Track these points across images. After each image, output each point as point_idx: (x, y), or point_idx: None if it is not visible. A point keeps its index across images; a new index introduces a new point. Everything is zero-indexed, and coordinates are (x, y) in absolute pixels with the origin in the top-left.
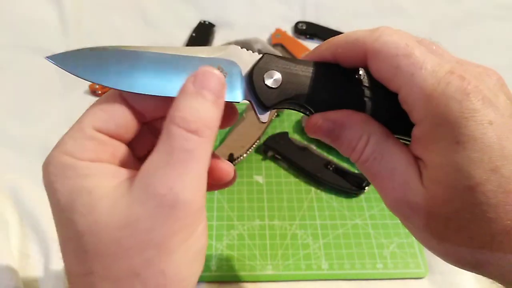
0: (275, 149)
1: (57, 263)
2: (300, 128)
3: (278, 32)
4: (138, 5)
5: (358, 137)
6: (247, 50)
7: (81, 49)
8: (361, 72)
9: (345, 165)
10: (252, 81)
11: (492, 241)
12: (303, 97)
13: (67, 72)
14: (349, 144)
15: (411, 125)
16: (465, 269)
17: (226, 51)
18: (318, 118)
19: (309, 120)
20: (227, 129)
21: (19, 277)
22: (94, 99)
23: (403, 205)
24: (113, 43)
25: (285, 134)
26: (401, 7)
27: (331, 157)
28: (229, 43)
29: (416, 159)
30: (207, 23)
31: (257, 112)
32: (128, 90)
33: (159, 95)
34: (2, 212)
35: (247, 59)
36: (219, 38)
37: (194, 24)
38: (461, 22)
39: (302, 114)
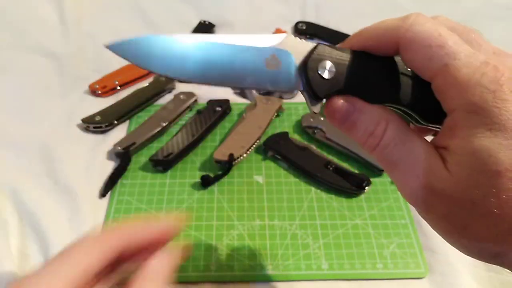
0: (275, 149)
1: None
2: (300, 128)
3: (278, 32)
4: (138, 5)
5: (376, 121)
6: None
7: (139, 37)
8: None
9: (345, 165)
10: (306, 71)
11: None
12: (354, 88)
13: (68, 72)
14: (366, 128)
15: (444, 115)
16: (484, 260)
17: (281, 40)
18: (339, 98)
19: (329, 101)
20: (226, 129)
21: (18, 277)
22: (94, 99)
23: (428, 193)
24: None
25: (285, 134)
26: (401, 7)
27: (331, 157)
28: None
29: (438, 148)
30: (207, 23)
31: (309, 102)
32: (182, 78)
33: (212, 84)
34: (2, 211)
35: (301, 49)
36: None
37: (194, 24)
38: (461, 22)
39: (302, 114)
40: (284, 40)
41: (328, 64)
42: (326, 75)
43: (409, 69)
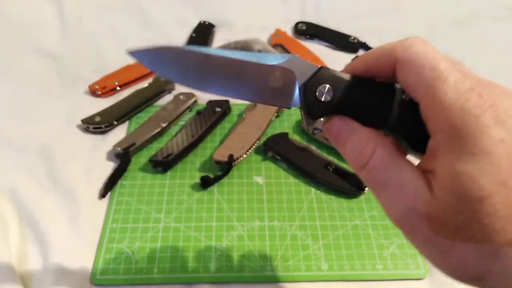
0: (275, 149)
1: (56, 264)
2: (300, 128)
3: (278, 33)
4: (138, 5)
5: (365, 142)
6: (247, 48)
7: (161, 47)
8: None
9: (345, 166)
10: (305, 92)
11: (497, 252)
12: (349, 112)
13: (67, 72)
14: (355, 147)
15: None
16: (468, 283)
17: (287, 59)
18: (336, 116)
19: (328, 119)
20: (226, 130)
21: (18, 277)
22: (93, 99)
23: (413, 216)
24: (113, 43)
25: (285, 135)
26: (401, 7)
27: (331, 158)
28: (229, 43)
29: (424, 172)
30: (207, 23)
31: (305, 120)
32: (198, 90)
33: (225, 97)
34: (2, 212)
35: (305, 70)
36: (219, 38)
37: (194, 24)
38: (461, 22)
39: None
40: (290, 60)
41: (326, 87)
42: (322, 98)
43: (405, 98)
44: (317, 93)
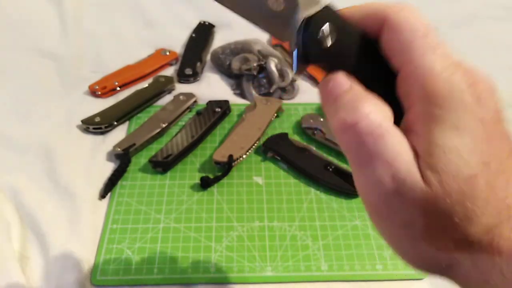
0: (275, 150)
1: (56, 264)
2: (299, 129)
3: None
4: (138, 5)
5: (364, 99)
6: (247, 48)
7: None
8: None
9: (345, 166)
10: (307, 28)
11: (475, 241)
12: (347, 69)
13: (67, 73)
14: (351, 101)
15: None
16: (432, 273)
17: None
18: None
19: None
20: (226, 130)
21: (24, 277)
22: (93, 99)
23: (398, 195)
24: (113, 43)
25: (284, 135)
26: None
27: (331, 158)
28: (229, 44)
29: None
30: (207, 23)
31: (296, 64)
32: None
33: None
34: (3, 213)
35: (310, 4)
36: (219, 38)
37: (194, 24)
38: (461, 22)
39: (302, 115)
40: None
41: (329, 31)
42: (324, 42)
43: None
44: (320, 34)
